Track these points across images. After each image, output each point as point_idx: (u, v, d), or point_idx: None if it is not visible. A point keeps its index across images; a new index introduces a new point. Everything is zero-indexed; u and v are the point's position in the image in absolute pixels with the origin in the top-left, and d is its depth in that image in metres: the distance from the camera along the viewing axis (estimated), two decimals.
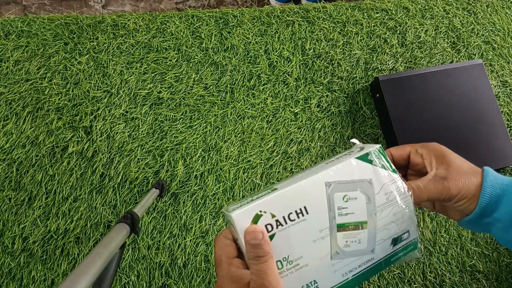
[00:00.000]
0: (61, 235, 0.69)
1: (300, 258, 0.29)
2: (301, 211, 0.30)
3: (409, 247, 0.33)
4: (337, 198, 0.30)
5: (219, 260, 0.29)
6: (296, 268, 0.29)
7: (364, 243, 0.31)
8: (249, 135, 0.78)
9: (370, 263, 0.31)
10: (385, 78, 0.77)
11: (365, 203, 0.31)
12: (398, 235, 0.32)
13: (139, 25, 0.82)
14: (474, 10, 0.93)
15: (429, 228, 0.76)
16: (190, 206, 0.72)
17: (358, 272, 0.31)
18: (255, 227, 0.28)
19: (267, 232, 0.29)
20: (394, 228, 0.32)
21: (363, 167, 0.31)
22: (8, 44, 0.79)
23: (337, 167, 0.31)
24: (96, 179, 0.72)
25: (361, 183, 0.31)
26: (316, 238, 0.30)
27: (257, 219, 0.29)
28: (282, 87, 0.82)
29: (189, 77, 0.80)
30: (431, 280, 0.73)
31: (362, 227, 0.31)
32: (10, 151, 0.73)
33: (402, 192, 0.32)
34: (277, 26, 0.86)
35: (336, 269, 0.30)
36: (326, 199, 0.30)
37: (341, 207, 0.30)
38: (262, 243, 0.27)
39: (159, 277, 0.69)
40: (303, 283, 0.30)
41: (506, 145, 0.76)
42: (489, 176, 0.31)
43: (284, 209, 0.29)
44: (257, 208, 0.29)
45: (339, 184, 0.31)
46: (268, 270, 0.27)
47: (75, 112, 0.76)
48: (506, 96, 0.87)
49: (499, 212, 0.30)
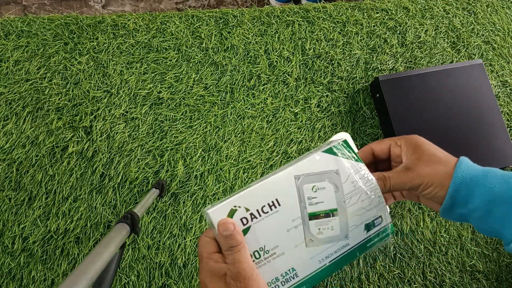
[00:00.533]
0: (61, 235, 0.69)
1: (276, 248, 0.31)
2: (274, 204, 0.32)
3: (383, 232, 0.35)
4: (306, 189, 0.33)
5: (200, 257, 0.31)
6: (273, 256, 0.31)
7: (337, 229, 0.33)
8: (249, 135, 0.78)
9: (345, 248, 0.33)
10: (385, 78, 0.77)
11: (334, 192, 0.33)
12: (370, 220, 0.34)
13: (139, 25, 0.82)
14: (474, 10, 0.93)
15: (429, 228, 0.76)
16: (190, 206, 0.72)
17: (335, 258, 0.33)
18: (226, 219, 0.30)
19: (242, 225, 0.31)
20: (365, 214, 0.34)
21: (329, 159, 0.34)
22: (8, 44, 0.79)
23: (304, 161, 0.33)
24: (96, 179, 0.72)
25: (328, 174, 0.33)
26: (289, 227, 0.32)
27: (232, 213, 0.31)
28: (282, 87, 0.82)
29: (189, 77, 0.80)
30: (431, 280, 0.73)
31: (333, 214, 0.33)
32: (10, 151, 0.73)
33: (368, 180, 0.34)
34: (277, 26, 0.86)
35: (313, 256, 0.32)
36: (296, 190, 0.32)
37: (310, 197, 0.33)
38: (234, 233, 0.29)
39: (159, 277, 0.69)
40: (281, 271, 0.31)
41: (506, 145, 0.76)
42: (462, 166, 0.31)
43: (257, 203, 0.31)
44: (232, 203, 0.31)
45: (307, 176, 0.33)
46: (242, 258, 0.29)
47: (75, 112, 0.76)
48: (506, 96, 0.87)
49: (473, 203, 0.30)
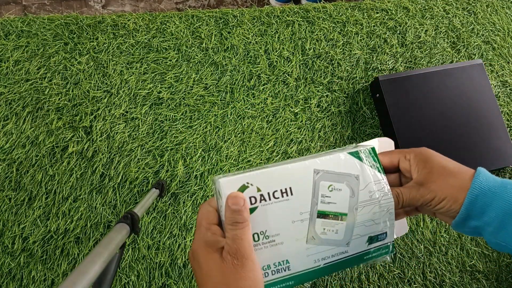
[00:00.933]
0: (61, 235, 0.69)
1: (277, 235, 0.31)
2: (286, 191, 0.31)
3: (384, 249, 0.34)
4: (322, 186, 0.32)
5: (199, 224, 0.30)
6: (271, 243, 0.31)
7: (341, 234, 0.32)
8: (249, 135, 0.78)
9: (343, 255, 0.33)
10: (385, 78, 0.77)
11: (349, 197, 0.32)
12: (375, 234, 0.33)
13: (139, 25, 0.82)
14: (474, 10, 0.93)
15: (429, 228, 0.76)
16: (190, 206, 0.72)
17: (330, 262, 0.32)
18: (238, 193, 0.29)
19: (250, 204, 0.30)
20: (372, 227, 0.33)
21: (353, 162, 0.33)
22: (8, 44, 0.79)
23: (327, 157, 0.32)
24: (96, 179, 0.72)
25: (348, 177, 0.32)
26: (295, 219, 0.31)
27: (243, 189, 0.30)
28: (282, 87, 0.82)
29: (189, 77, 0.80)
30: (431, 280, 0.73)
31: (341, 218, 0.32)
32: (10, 151, 0.73)
33: (385, 193, 0.33)
34: (277, 26, 0.86)
35: (309, 254, 0.32)
36: (312, 184, 0.31)
37: (324, 195, 0.32)
38: (242, 209, 0.28)
39: (159, 277, 0.69)
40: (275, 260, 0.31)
41: (506, 145, 0.76)
42: (480, 177, 0.29)
43: (270, 186, 0.31)
44: (245, 179, 0.30)
45: (327, 173, 0.32)
46: (244, 236, 0.27)
47: (75, 112, 0.76)
48: (506, 96, 0.87)
49: (489, 215, 0.28)
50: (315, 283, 0.71)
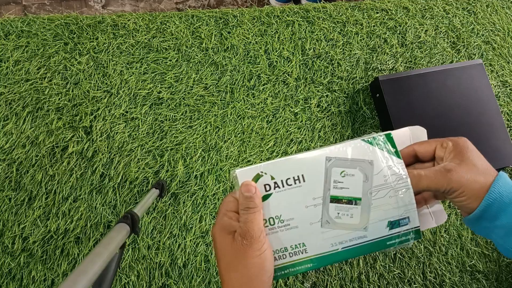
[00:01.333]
0: (61, 235, 0.69)
1: (291, 220, 0.32)
2: (299, 178, 0.33)
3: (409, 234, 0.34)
4: (334, 172, 0.33)
5: (219, 211, 0.33)
6: (286, 227, 0.32)
7: (356, 218, 0.33)
8: (249, 135, 0.78)
9: (362, 240, 0.33)
10: (385, 78, 0.77)
11: (362, 181, 0.33)
12: (395, 219, 0.33)
13: (139, 25, 0.82)
14: (474, 10, 0.93)
15: (429, 228, 0.76)
16: (190, 206, 0.72)
17: (349, 246, 0.33)
18: (250, 182, 0.32)
19: (265, 191, 0.33)
20: (390, 211, 0.33)
21: (367, 148, 0.34)
22: (8, 44, 0.79)
23: (340, 145, 0.34)
24: (96, 179, 0.72)
25: (361, 162, 0.33)
26: (308, 204, 0.33)
27: (258, 178, 0.33)
28: (282, 87, 0.82)
29: (189, 77, 0.80)
30: (431, 280, 0.73)
31: (355, 203, 0.33)
32: (10, 151, 0.73)
33: (402, 178, 0.33)
34: (277, 26, 0.86)
35: (326, 238, 0.33)
36: (324, 171, 0.33)
37: (337, 180, 0.33)
38: (253, 196, 0.31)
39: (159, 277, 0.69)
40: (292, 243, 0.33)
41: (506, 145, 0.76)
42: (500, 182, 0.30)
43: (283, 174, 0.33)
44: (259, 169, 0.33)
45: (338, 160, 0.33)
46: (254, 220, 0.31)
47: (75, 112, 0.76)
48: (506, 96, 0.87)
49: (501, 220, 0.30)
50: (315, 283, 0.71)
